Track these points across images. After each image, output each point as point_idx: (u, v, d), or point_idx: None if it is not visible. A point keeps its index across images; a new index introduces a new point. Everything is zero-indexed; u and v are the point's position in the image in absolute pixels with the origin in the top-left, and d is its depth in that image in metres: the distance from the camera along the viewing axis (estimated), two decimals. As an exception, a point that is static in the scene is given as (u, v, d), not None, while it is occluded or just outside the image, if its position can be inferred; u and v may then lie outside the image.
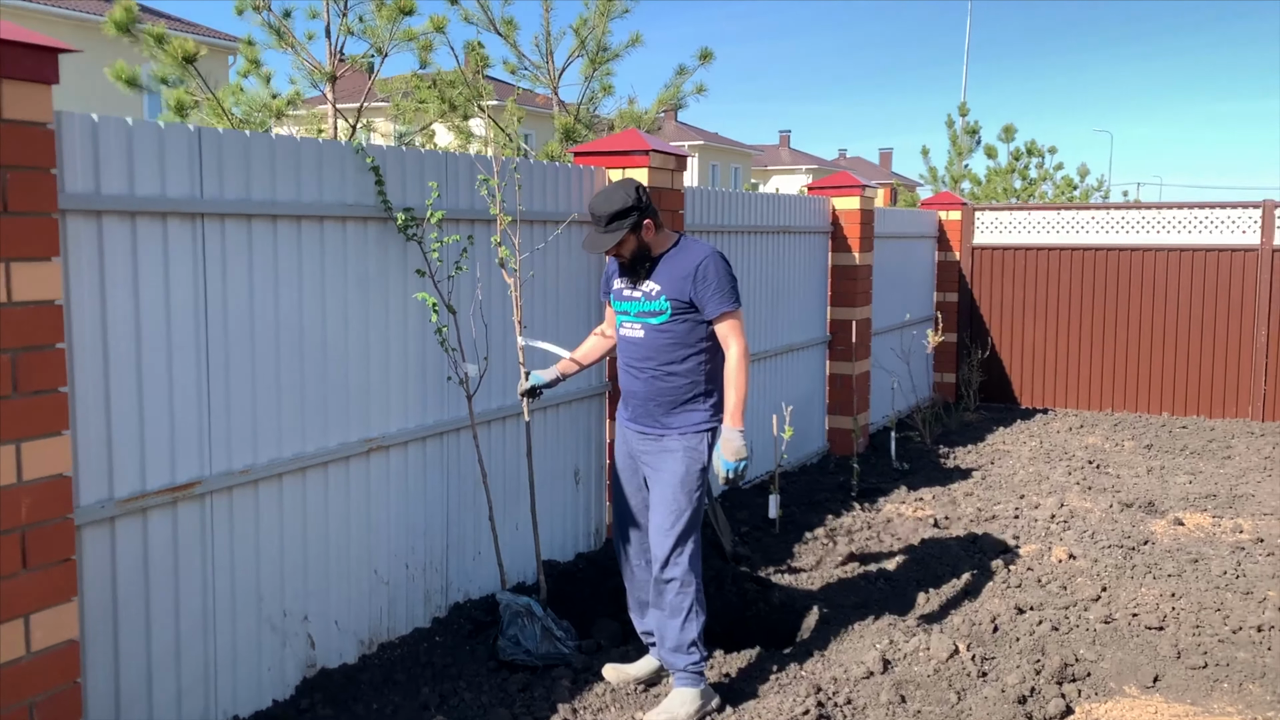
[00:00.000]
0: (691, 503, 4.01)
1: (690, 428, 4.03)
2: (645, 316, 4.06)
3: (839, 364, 8.65)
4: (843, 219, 8.57)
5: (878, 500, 7.13)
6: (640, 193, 4.00)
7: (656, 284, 4.04)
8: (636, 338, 4.09)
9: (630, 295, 4.12)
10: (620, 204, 3.98)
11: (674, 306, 4.00)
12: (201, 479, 3.64)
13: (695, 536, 4.04)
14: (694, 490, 4.01)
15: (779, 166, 58.85)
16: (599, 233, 4.03)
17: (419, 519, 4.62)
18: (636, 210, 3.98)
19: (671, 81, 9.34)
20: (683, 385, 4.02)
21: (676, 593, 3.98)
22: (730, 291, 3.99)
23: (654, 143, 5.62)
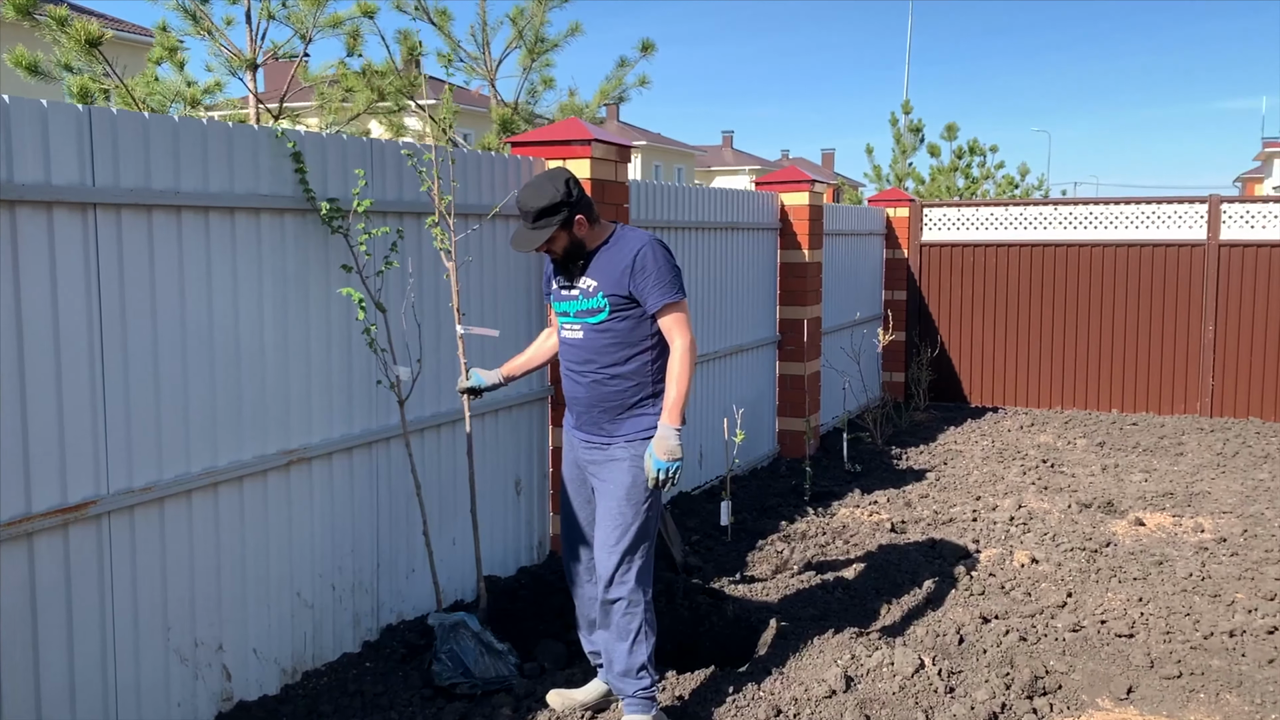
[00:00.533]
0: (639, 516, 3.71)
1: (638, 435, 3.73)
2: (583, 316, 3.75)
3: (789, 364, 8.43)
4: (792, 215, 8.34)
5: (831, 504, 6.90)
6: (570, 185, 3.69)
7: (593, 280, 3.73)
8: (576, 339, 3.79)
9: (567, 294, 3.81)
10: (549, 198, 3.65)
11: (613, 303, 3.69)
12: (97, 498, 3.28)
13: (645, 552, 3.74)
14: (642, 503, 3.71)
15: (722, 167, 58.85)
16: (527, 229, 3.71)
17: (346, 536, 4.28)
18: (566, 206, 3.66)
19: (613, 74, 9.05)
20: (628, 389, 3.72)
21: (624, 613, 3.69)
22: (672, 281, 3.67)
23: (597, 132, 5.32)
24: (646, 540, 3.74)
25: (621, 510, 3.68)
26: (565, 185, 3.69)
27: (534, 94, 9.36)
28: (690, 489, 7.04)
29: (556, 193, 3.66)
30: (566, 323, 3.80)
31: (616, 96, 9.32)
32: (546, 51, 8.49)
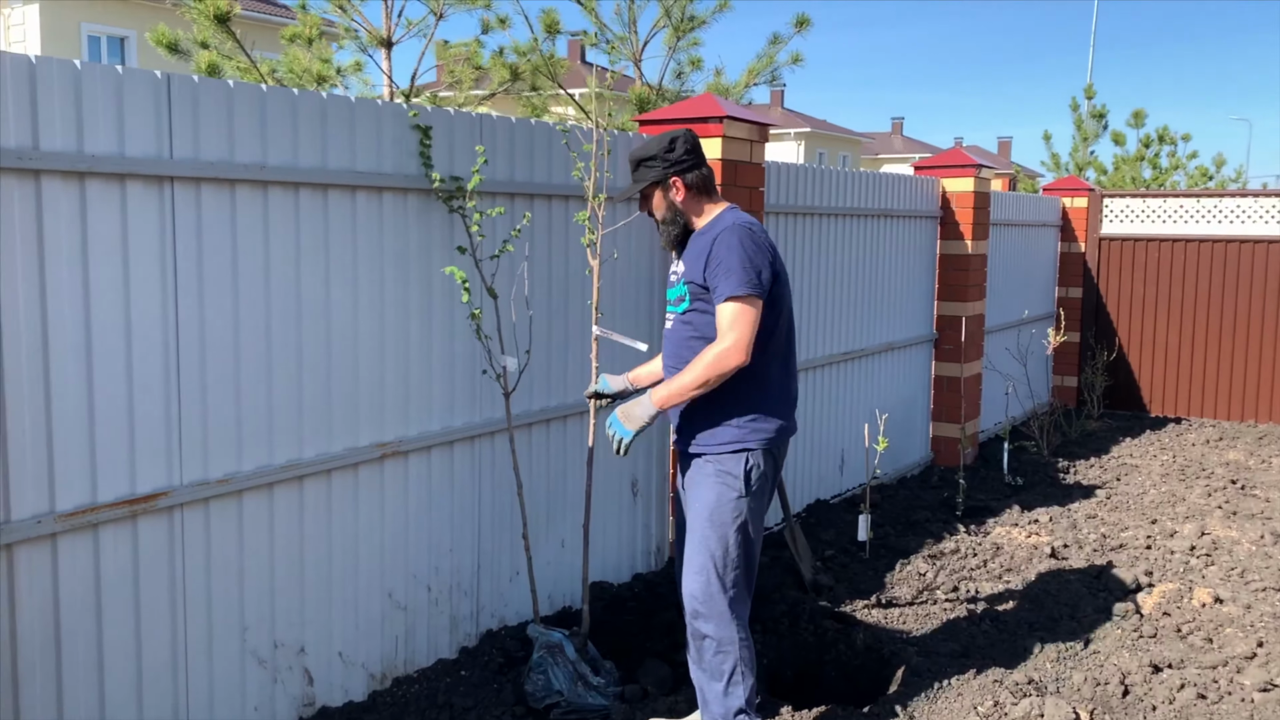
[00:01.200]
0: (722, 540, 3.28)
1: (721, 447, 3.31)
2: (673, 304, 3.43)
3: (946, 365, 7.80)
4: (954, 202, 7.70)
5: (986, 521, 6.30)
6: (677, 143, 3.35)
7: (683, 264, 3.41)
8: (667, 330, 3.49)
9: (672, 279, 3.51)
10: (649, 150, 3.37)
11: (692, 292, 3.34)
12: (170, 489, 3.09)
13: (734, 582, 3.30)
14: (727, 525, 3.28)
15: (891, 154, 57.12)
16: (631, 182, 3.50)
17: (444, 535, 4.02)
18: (661, 162, 3.33)
19: (764, 51, 8.58)
20: (709, 392, 3.31)
21: (715, 652, 3.29)
22: (744, 272, 3.17)
23: (730, 108, 4.91)
24: (734, 569, 3.30)
25: (704, 532, 3.29)
26: (670, 142, 3.35)
27: (680, 75, 8.99)
28: (829, 497, 6.56)
29: (658, 145, 3.36)
30: (667, 311, 3.48)
31: (768, 75, 8.85)
32: (693, 29, 8.09)
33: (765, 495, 3.38)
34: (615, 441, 3.33)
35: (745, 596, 3.34)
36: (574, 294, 4.48)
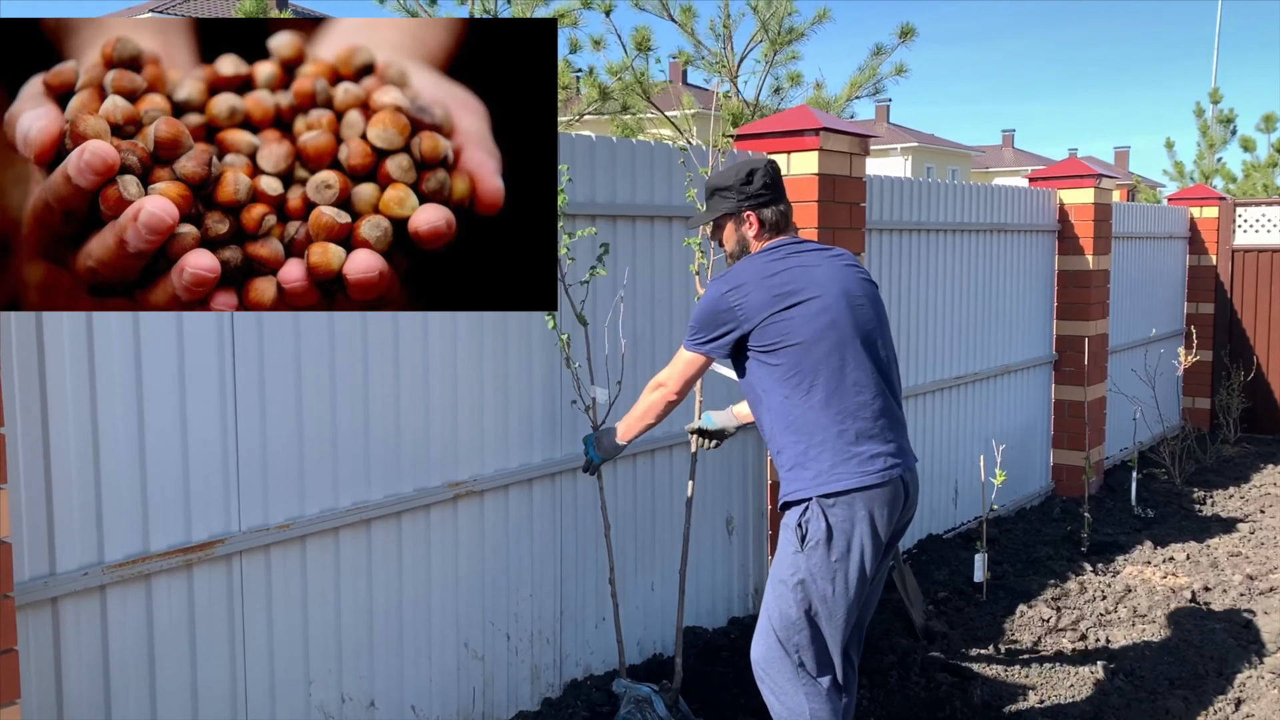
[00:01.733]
0: (780, 602, 2.92)
1: (783, 499, 3.02)
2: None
3: (1067, 388, 7.30)
4: (1073, 215, 7.22)
5: (1114, 558, 5.80)
6: (755, 175, 3.07)
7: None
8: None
9: None
10: (725, 180, 3.12)
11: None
12: (227, 536, 2.92)
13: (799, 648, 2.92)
14: (785, 583, 2.92)
15: (1001, 168, 55.59)
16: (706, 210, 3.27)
17: (524, 580, 3.79)
18: (737, 194, 3.08)
19: (867, 63, 8.23)
20: (770, 442, 3.06)
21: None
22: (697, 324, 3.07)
23: (827, 119, 4.59)
24: (798, 632, 2.91)
25: (768, 590, 3.01)
26: (749, 174, 3.07)
27: (779, 91, 8.69)
28: (941, 532, 6.14)
29: (735, 176, 3.09)
30: None
31: (871, 88, 8.48)
32: (790, 42, 7.79)
33: (838, 552, 2.90)
34: (590, 466, 3.53)
35: (827, 662, 2.96)
36: (672, 320, 4.22)
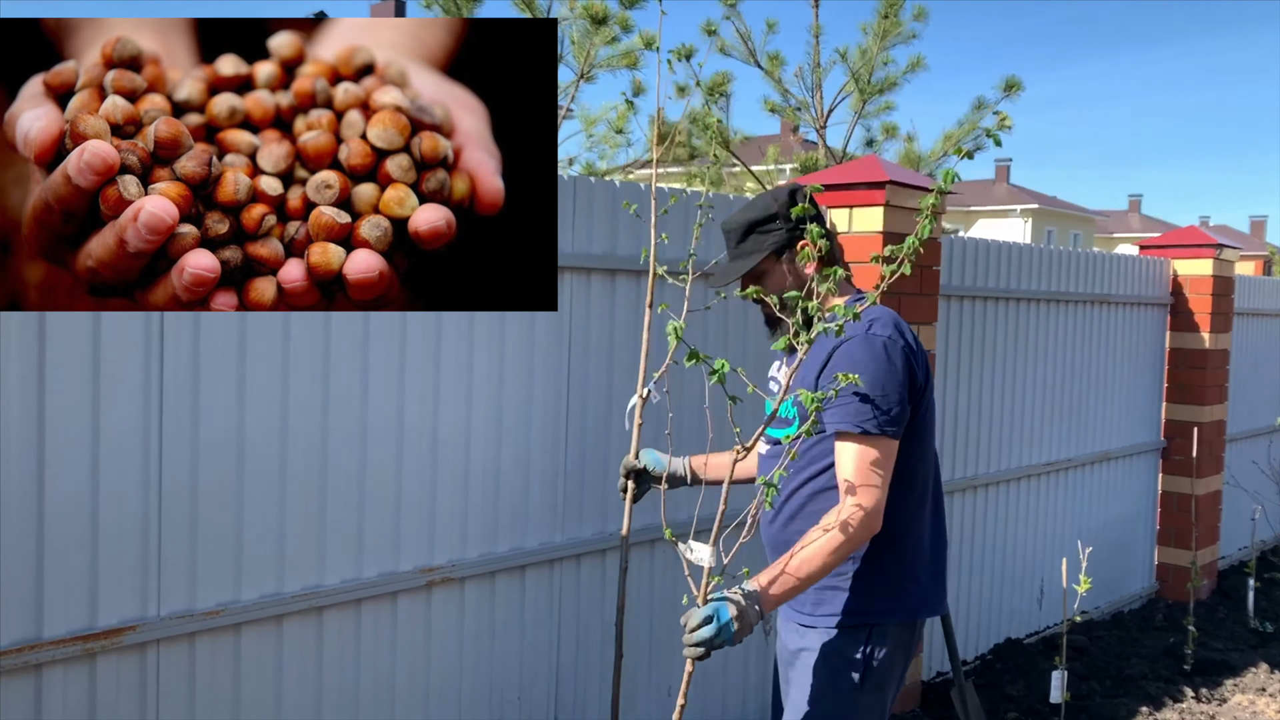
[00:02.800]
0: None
1: (833, 618, 2.41)
2: (773, 425, 2.45)
3: (1175, 478, 6.54)
4: (1187, 287, 6.52)
5: (1222, 682, 5.05)
6: (798, 195, 2.46)
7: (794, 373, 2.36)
8: (761, 456, 2.57)
9: (773, 388, 2.63)
10: (760, 209, 2.46)
11: (801, 414, 2.40)
12: (141, 622, 2.55)
13: None
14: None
15: (1127, 234, 53.51)
16: (729, 259, 2.55)
17: (510, 677, 3.34)
18: (784, 221, 2.43)
19: (966, 117, 7.68)
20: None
21: None
22: (871, 401, 2.27)
23: (895, 171, 4.10)
24: None
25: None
26: (790, 195, 2.46)
27: (872, 143, 8.19)
28: (1022, 636, 5.47)
29: (774, 203, 2.45)
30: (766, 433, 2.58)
31: (971, 144, 7.90)
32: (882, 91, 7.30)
33: (891, 690, 2.46)
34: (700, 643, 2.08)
35: None
36: (689, 382, 3.76)
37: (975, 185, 46.85)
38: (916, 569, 2.46)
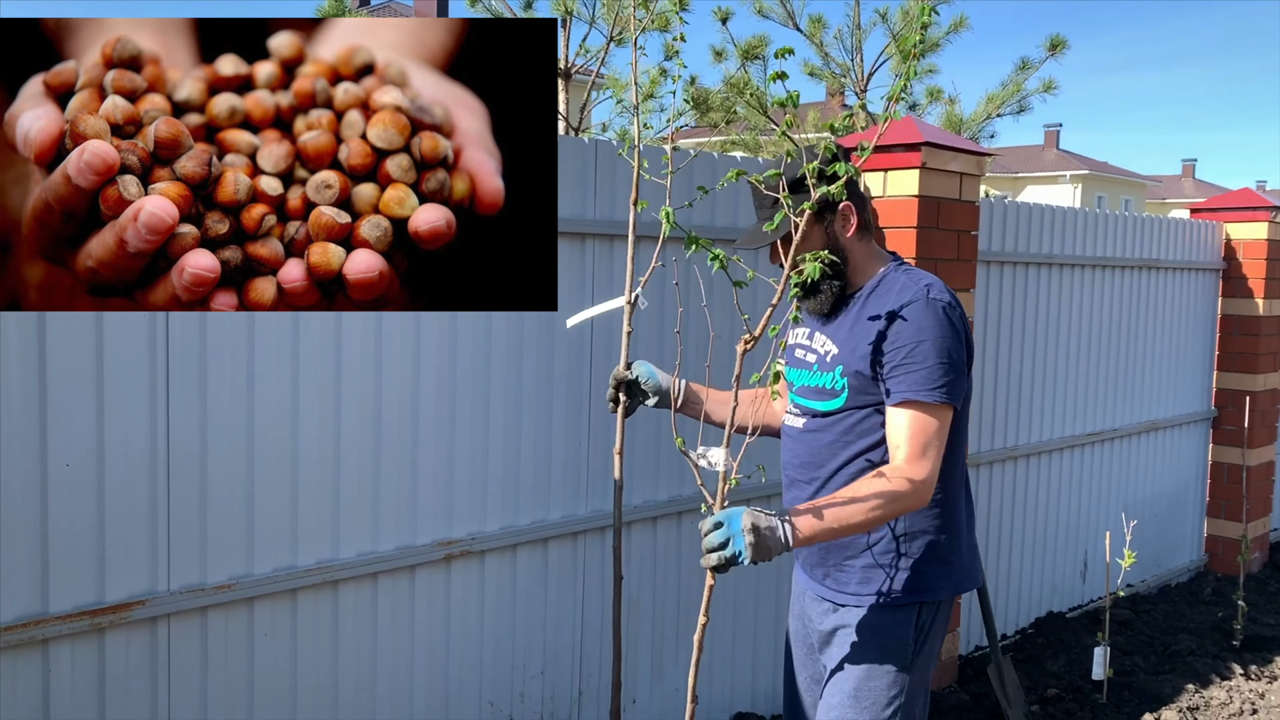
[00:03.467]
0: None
1: (888, 596, 2.34)
2: (811, 397, 2.38)
3: (1226, 449, 6.34)
4: (1241, 253, 6.28)
5: (1273, 659, 4.89)
6: (839, 155, 2.22)
7: (834, 343, 2.35)
8: (795, 430, 2.44)
9: (801, 355, 2.46)
10: (794, 169, 2.25)
11: (853, 385, 2.29)
12: (151, 596, 2.51)
13: None
14: (879, 708, 2.31)
15: (1179, 199, 52.31)
16: (760, 220, 2.38)
17: (534, 653, 3.28)
18: (825, 181, 2.19)
19: (1010, 78, 7.43)
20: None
21: None
22: (941, 370, 2.18)
23: (931, 133, 3.94)
24: None
25: (845, 714, 2.32)
26: (832, 155, 2.21)
27: (914, 107, 7.98)
28: (1065, 610, 5.33)
29: (816, 159, 2.19)
30: (791, 403, 2.49)
31: (1015, 105, 7.68)
32: (924, 54, 7.08)
33: (931, 665, 2.41)
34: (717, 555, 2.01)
35: None
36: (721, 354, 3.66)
37: (1024, 151, 45.99)
38: (960, 543, 2.42)
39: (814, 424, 2.37)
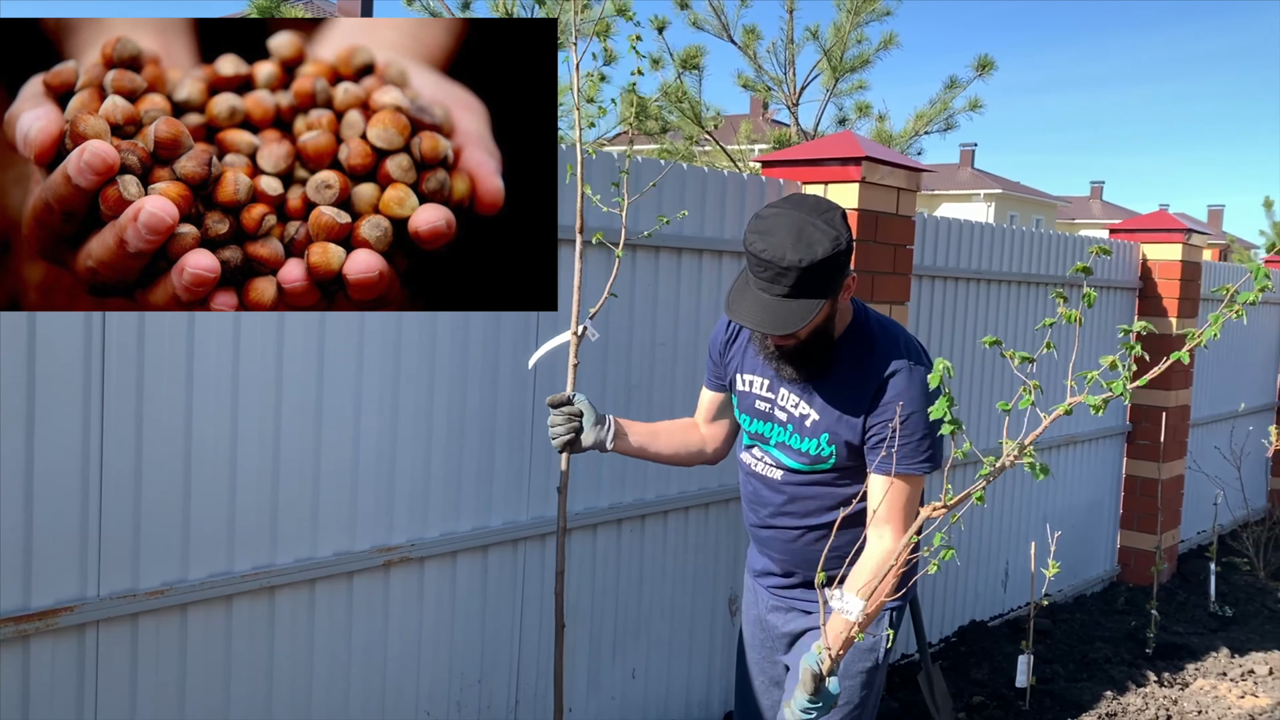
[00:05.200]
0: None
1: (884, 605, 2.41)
2: (790, 454, 2.41)
3: (1140, 463, 6.55)
4: (1156, 272, 6.50)
5: (1184, 666, 5.06)
6: (847, 226, 2.26)
7: (813, 408, 2.34)
8: (772, 480, 2.48)
9: (763, 408, 2.46)
10: (824, 248, 2.16)
11: (840, 452, 2.34)
12: (80, 603, 2.42)
13: None
14: (855, 706, 2.38)
15: (1088, 220, 54.06)
16: (772, 295, 2.20)
17: (472, 660, 3.23)
18: (846, 259, 2.22)
19: (938, 96, 7.60)
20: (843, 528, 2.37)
21: None
22: (929, 440, 2.26)
23: (871, 148, 4.01)
24: None
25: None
26: (843, 224, 2.24)
27: (844, 121, 8.10)
28: (987, 618, 5.45)
29: (835, 239, 2.18)
30: (758, 449, 2.50)
31: (942, 122, 7.85)
32: (854, 69, 7.20)
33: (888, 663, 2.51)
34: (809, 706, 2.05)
35: None
36: (664, 361, 3.66)
37: (940, 170, 47.06)
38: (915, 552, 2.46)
39: (794, 478, 2.40)
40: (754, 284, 2.22)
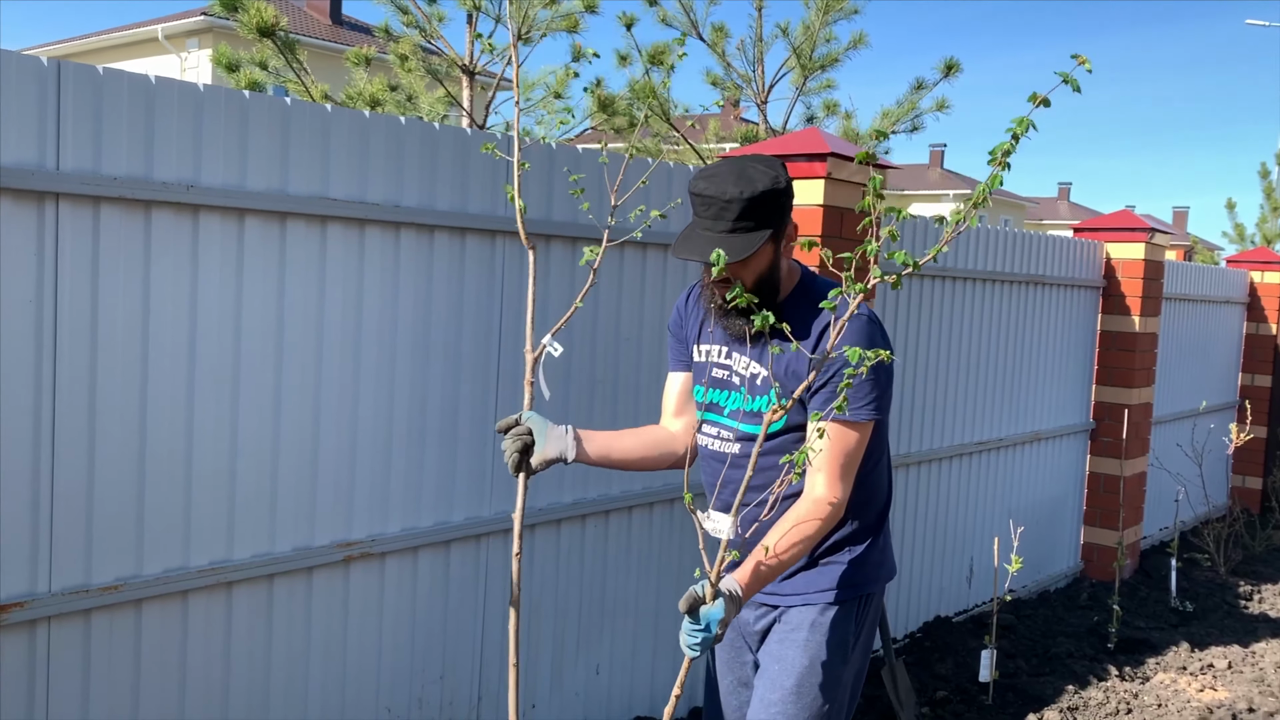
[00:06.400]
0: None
1: (828, 593, 2.37)
2: (745, 421, 2.36)
3: (1103, 460, 6.61)
4: (1120, 271, 6.56)
5: (1145, 660, 5.11)
6: (787, 175, 2.28)
7: (763, 363, 2.32)
8: (730, 455, 2.41)
9: (722, 375, 2.42)
10: (764, 183, 2.19)
11: (793, 410, 2.28)
12: (31, 599, 2.37)
13: None
14: (816, 704, 2.34)
15: (1056, 220, 54.56)
16: (713, 231, 2.21)
17: (434, 657, 3.21)
18: (786, 199, 2.25)
19: (905, 97, 7.63)
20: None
21: None
22: (872, 385, 2.23)
23: (836, 144, 4.01)
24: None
25: (786, 710, 2.34)
26: (783, 169, 2.27)
27: (813, 120, 8.12)
28: (952, 614, 5.48)
29: (773, 178, 2.21)
30: (710, 425, 2.46)
31: (909, 123, 7.89)
32: (824, 68, 7.22)
33: (868, 655, 2.51)
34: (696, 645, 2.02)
35: None
36: (629, 357, 3.65)
37: (909, 170, 47.36)
38: (888, 536, 2.54)
39: (750, 448, 2.34)
40: (699, 225, 2.25)
